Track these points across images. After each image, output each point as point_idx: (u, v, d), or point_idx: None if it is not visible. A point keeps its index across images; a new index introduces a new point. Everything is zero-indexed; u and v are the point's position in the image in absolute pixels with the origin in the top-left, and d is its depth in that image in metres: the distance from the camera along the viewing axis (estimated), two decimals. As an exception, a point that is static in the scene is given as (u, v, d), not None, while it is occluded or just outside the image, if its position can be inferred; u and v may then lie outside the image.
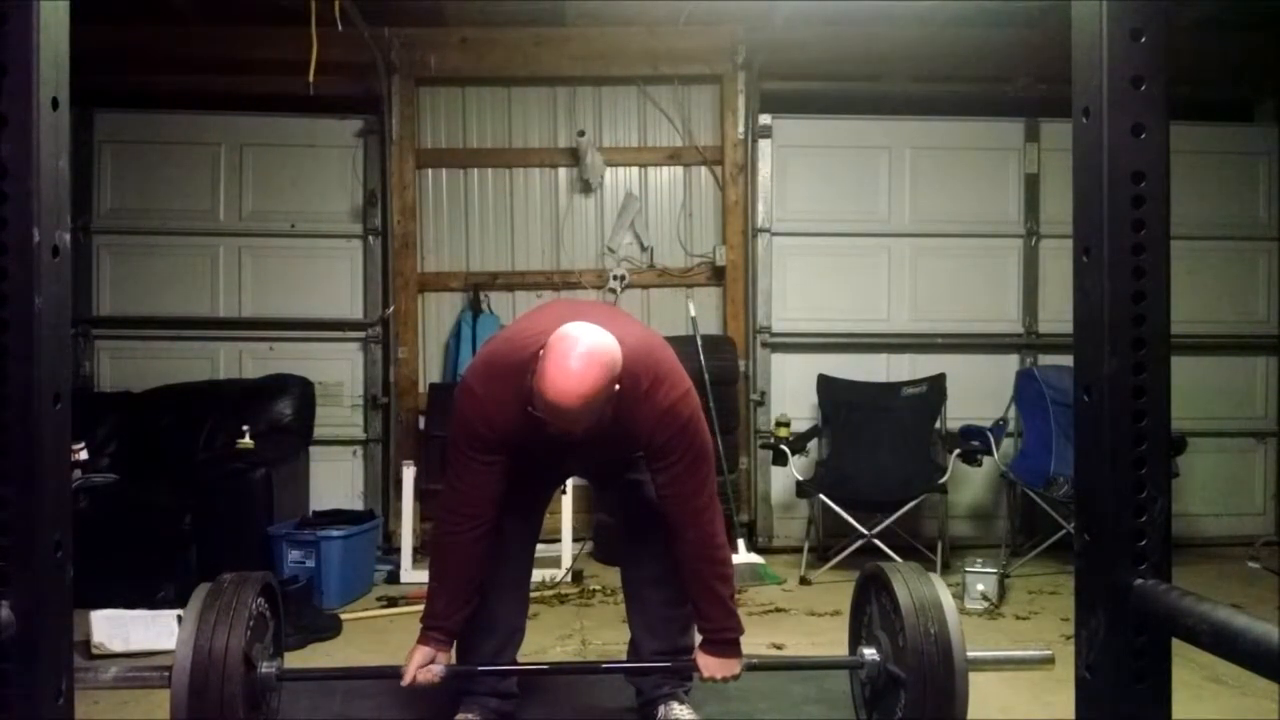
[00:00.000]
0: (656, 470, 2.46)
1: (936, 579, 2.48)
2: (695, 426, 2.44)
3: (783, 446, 4.90)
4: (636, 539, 2.74)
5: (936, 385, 5.17)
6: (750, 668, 2.53)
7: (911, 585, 2.41)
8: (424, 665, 2.45)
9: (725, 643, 2.51)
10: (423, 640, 2.49)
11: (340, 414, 5.46)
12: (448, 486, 2.54)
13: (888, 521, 4.71)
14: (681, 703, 2.72)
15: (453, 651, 2.63)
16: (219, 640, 2.22)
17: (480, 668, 2.65)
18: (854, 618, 2.70)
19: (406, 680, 2.43)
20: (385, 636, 3.81)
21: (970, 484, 5.38)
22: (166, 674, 2.21)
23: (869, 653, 2.53)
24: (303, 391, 5.12)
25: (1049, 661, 2.48)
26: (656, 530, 2.57)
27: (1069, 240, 1.15)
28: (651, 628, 2.73)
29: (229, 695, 2.20)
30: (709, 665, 2.51)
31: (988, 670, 2.56)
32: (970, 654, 2.37)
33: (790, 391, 5.42)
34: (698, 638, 2.61)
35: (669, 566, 2.60)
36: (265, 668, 2.41)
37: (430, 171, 5.50)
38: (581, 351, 2.20)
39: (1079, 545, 1.14)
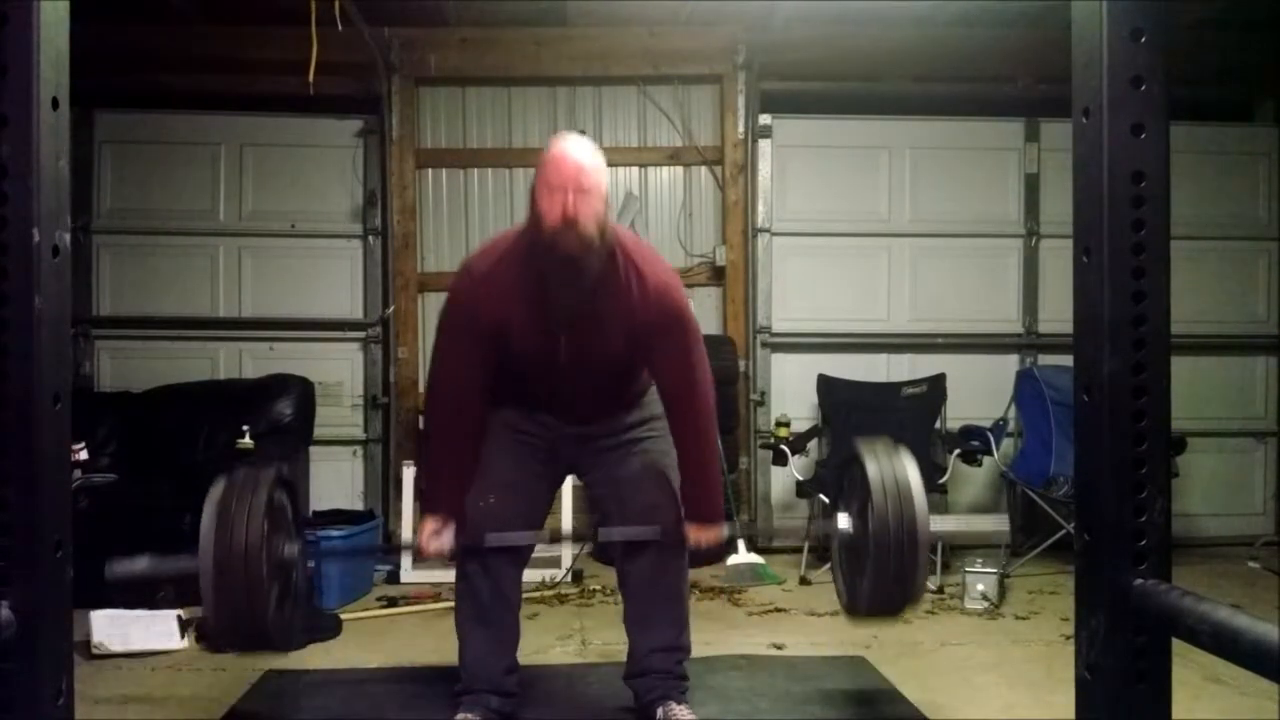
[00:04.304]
0: (651, 350, 2.57)
1: (908, 456, 2.66)
2: (685, 305, 2.61)
3: (783, 446, 4.90)
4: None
5: (936, 385, 5.17)
6: (730, 538, 2.75)
7: (882, 462, 2.62)
8: (434, 533, 2.54)
9: (708, 519, 2.61)
10: (429, 512, 2.58)
11: (340, 414, 5.46)
12: (434, 381, 2.64)
13: (888, 521, 4.70)
14: (680, 703, 2.72)
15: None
16: (239, 525, 2.28)
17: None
18: (834, 489, 2.92)
19: (422, 551, 2.53)
20: (385, 637, 3.80)
21: (970, 484, 5.37)
22: (194, 560, 2.31)
23: (843, 519, 2.73)
24: (303, 391, 5.11)
25: (1005, 534, 2.88)
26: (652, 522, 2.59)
27: (1069, 240, 1.15)
28: (648, 624, 2.73)
29: (253, 568, 2.27)
30: (692, 531, 2.60)
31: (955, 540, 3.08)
32: (934, 526, 2.63)
33: (790, 391, 5.42)
34: (693, 636, 2.68)
35: (664, 563, 2.62)
36: (287, 550, 2.46)
37: (430, 171, 5.49)
38: (571, 137, 2.53)
39: (1079, 545, 1.14)
